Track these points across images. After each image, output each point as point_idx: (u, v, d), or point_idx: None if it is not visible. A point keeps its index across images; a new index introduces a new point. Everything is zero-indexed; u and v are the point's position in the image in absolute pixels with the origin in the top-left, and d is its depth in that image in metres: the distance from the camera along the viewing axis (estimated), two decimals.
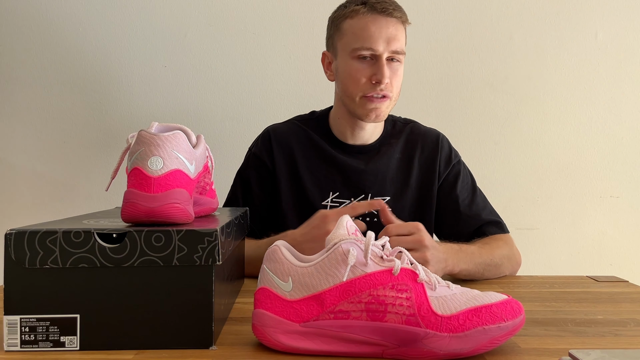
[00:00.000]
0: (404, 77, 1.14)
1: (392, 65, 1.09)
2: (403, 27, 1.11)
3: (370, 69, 1.08)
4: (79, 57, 1.60)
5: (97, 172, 1.61)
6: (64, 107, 1.61)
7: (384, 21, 1.08)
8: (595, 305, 0.82)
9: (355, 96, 1.10)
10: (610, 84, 1.63)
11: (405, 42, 1.13)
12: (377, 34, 1.07)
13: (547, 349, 0.61)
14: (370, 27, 1.07)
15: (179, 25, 1.60)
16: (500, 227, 1.17)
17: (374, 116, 1.11)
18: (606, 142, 1.64)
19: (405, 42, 1.13)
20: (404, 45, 1.11)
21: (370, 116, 1.11)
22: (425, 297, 0.56)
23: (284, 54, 1.61)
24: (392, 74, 1.09)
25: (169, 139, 0.61)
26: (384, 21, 1.08)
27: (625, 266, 1.63)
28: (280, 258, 0.59)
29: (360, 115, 1.12)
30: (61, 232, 0.58)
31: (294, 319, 0.57)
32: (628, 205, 1.65)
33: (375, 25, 1.07)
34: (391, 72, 1.09)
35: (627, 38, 1.62)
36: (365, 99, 1.09)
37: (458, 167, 1.21)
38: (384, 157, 1.19)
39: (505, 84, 1.63)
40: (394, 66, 1.10)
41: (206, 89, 1.62)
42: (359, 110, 1.11)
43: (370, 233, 0.59)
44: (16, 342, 0.58)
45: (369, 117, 1.11)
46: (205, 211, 0.77)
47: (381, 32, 1.07)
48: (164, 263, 0.58)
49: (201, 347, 0.59)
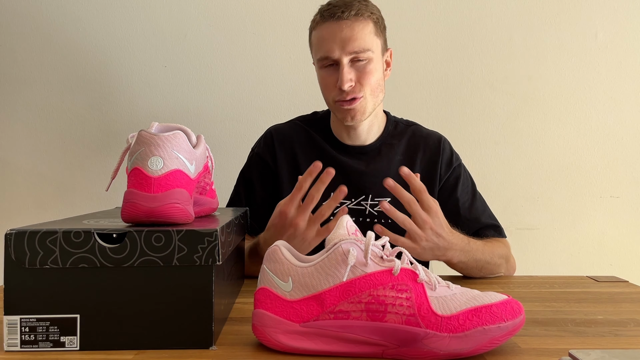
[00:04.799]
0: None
1: (358, 65, 1.09)
2: (363, 23, 1.08)
3: (335, 75, 1.09)
4: (79, 57, 1.60)
5: (97, 172, 1.61)
6: (64, 107, 1.61)
7: (335, 26, 1.07)
8: (595, 305, 0.82)
9: (329, 102, 1.14)
10: (610, 84, 1.63)
11: (373, 36, 1.09)
12: (331, 41, 1.07)
13: (547, 349, 0.61)
14: (324, 35, 1.09)
15: (179, 25, 1.60)
16: (499, 232, 1.17)
17: (349, 118, 1.12)
18: (606, 142, 1.64)
19: (373, 36, 1.09)
20: (367, 42, 1.08)
21: (347, 119, 1.12)
22: (425, 297, 0.56)
23: (284, 54, 1.61)
24: (359, 73, 1.08)
25: (169, 139, 0.61)
26: (335, 26, 1.07)
27: (625, 266, 1.63)
28: (280, 258, 0.59)
29: (340, 118, 1.14)
30: (61, 232, 0.58)
31: (294, 319, 0.57)
32: (628, 205, 1.65)
33: (328, 32, 1.08)
34: (358, 72, 1.09)
35: (627, 38, 1.62)
36: (338, 104, 1.11)
37: (459, 170, 1.21)
38: (385, 159, 1.19)
39: (505, 84, 1.63)
40: (360, 65, 1.09)
41: (206, 89, 1.62)
42: (338, 115, 1.14)
43: (370, 233, 0.59)
44: (16, 342, 0.58)
45: (347, 120, 1.12)
46: (205, 211, 0.77)
47: (335, 37, 1.07)
48: (164, 263, 0.58)
49: (201, 347, 0.59)
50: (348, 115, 1.11)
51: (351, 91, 1.08)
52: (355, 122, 1.13)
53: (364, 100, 1.11)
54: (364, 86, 1.09)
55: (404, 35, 1.58)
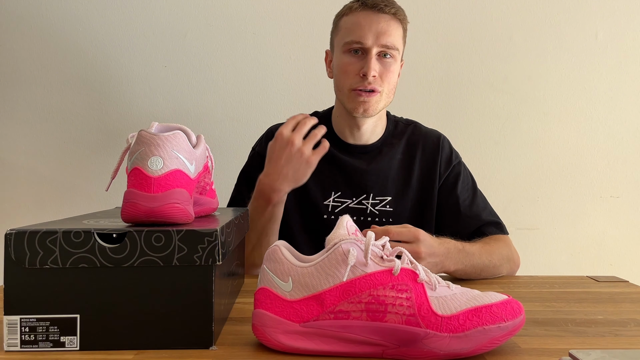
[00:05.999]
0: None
1: (384, 60, 1.10)
2: (397, 24, 1.12)
3: (360, 63, 1.10)
4: (79, 57, 1.60)
5: (97, 172, 1.61)
6: (64, 107, 1.61)
7: (374, 16, 1.10)
8: (595, 305, 0.82)
9: (345, 89, 1.12)
10: (610, 84, 1.63)
11: (401, 40, 1.13)
12: (367, 28, 1.09)
13: (547, 349, 0.61)
14: (361, 22, 1.10)
15: (179, 25, 1.60)
16: (500, 228, 1.17)
17: (361, 110, 1.12)
18: (606, 142, 1.64)
19: (401, 40, 1.13)
20: (397, 41, 1.11)
21: (358, 110, 1.12)
22: (426, 297, 0.56)
23: (284, 54, 1.61)
24: (383, 68, 1.10)
25: (169, 139, 0.61)
26: (375, 16, 1.10)
27: (625, 266, 1.63)
28: (280, 258, 0.59)
29: (350, 109, 1.13)
30: (61, 232, 0.58)
31: (294, 319, 0.57)
32: (628, 205, 1.65)
33: (366, 20, 1.10)
34: (382, 67, 1.10)
35: (627, 38, 1.62)
36: (354, 92, 1.11)
37: (458, 168, 1.21)
38: (386, 158, 1.19)
39: (505, 84, 1.63)
40: (385, 61, 1.10)
41: (206, 89, 1.62)
42: (349, 104, 1.13)
43: (370, 233, 0.59)
44: (16, 342, 0.58)
45: (357, 111, 1.12)
46: (205, 211, 0.77)
47: (371, 26, 1.09)
48: (164, 263, 0.58)
49: (201, 347, 0.59)
50: (361, 106, 1.11)
51: (373, 81, 1.09)
52: (365, 115, 1.13)
53: (380, 97, 1.11)
54: (384, 82, 1.11)
55: None
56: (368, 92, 1.10)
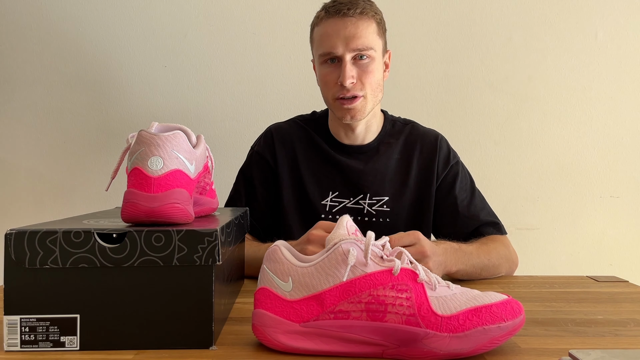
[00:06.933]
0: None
1: (361, 63, 1.09)
2: (367, 22, 1.09)
3: (337, 72, 1.09)
4: (79, 57, 1.60)
5: (97, 172, 1.61)
6: (64, 107, 1.61)
7: (340, 22, 1.08)
8: (595, 305, 0.82)
9: (329, 99, 1.13)
10: (610, 84, 1.63)
11: (376, 36, 1.10)
12: (335, 37, 1.08)
13: (547, 349, 0.61)
14: (328, 31, 1.09)
15: (179, 25, 1.60)
16: (498, 229, 1.17)
17: (349, 117, 1.12)
18: (606, 142, 1.64)
19: (376, 36, 1.10)
20: (370, 41, 1.09)
21: (345, 117, 1.12)
22: (425, 297, 0.56)
23: (284, 54, 1.61)
24: (360, 71, 1.09)
25: (169, 139, 0.61)
26: (341, 22, 1.08)
27: (625, 266, 1.63)
28: (280, 258, 0.59)
29: (338, 117, 1.14)
30: (61, 232, 0.58)
31: (294, 319, 0.57)
32: (628, 205, 1.65)
33: (333, 28, 1.08)
34: (359, 69, 1.09)
35: (627, 38, 1.62)
36: (338, 102, 1.11)
37: (456, 168, 1.21)
38: (383, 158, 1.19)
39: (505, 84, 1.63)
40: (362, 63, 1.09)
41: (206, 89, 1.62)
42: (336, 113, 1.14)
43: (370, 233, 0.59)
44: (16, 342, 0.58)
45: (345, 118, 1.12)
46: (205, 211, 0.77)
47: (339, 33, 1.07)
48: (164, 263, 0.58)
49: (201, 347, 0.59)
50: (347, 114, 1.11)
51: (352, 89, 1.08)
52: (354, 121, 1.13)
53: (364, 100, 1.11)
54: (365, 85, 1.09)
55: (404, 35, 1.58)
56: (350, 99, 1.09)
